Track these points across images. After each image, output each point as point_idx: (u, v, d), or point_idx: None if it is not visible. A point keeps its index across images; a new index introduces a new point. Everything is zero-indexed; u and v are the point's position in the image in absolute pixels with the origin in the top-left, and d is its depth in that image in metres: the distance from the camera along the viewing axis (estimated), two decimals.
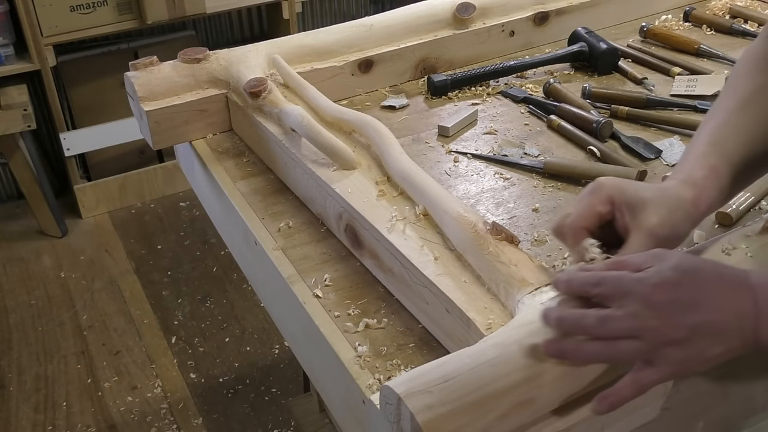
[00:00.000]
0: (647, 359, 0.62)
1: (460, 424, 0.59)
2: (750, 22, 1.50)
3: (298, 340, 0.97)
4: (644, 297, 0.62)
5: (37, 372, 2.13)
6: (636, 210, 0.72)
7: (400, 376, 0.63)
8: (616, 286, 0.64)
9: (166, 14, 2.57)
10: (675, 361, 0.62)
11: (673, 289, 0.62)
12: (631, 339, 0.62)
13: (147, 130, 1.18)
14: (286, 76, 1.20)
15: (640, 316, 0.62)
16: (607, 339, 0.62)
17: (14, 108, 2.39)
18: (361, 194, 0.94)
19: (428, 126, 1.23)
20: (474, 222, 0.82)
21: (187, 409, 2.00)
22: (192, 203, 2.82)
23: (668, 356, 0.61)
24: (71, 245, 2.66)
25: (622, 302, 0.63)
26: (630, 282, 0.63)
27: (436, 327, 0.82)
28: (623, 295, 0.63)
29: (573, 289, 0.66)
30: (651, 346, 0.61)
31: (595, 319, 0.62)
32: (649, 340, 0.61)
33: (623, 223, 0.73)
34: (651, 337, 0.61)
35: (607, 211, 0.73)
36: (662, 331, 0.61)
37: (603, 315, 0.62)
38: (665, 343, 0.61)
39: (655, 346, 0.61)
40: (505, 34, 1.43)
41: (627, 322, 0.62)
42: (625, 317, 0.62)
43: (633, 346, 0.61)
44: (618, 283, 0.64)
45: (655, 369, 0.62)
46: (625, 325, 0.62)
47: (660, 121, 1.19)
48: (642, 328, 0.61)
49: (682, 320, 0.62)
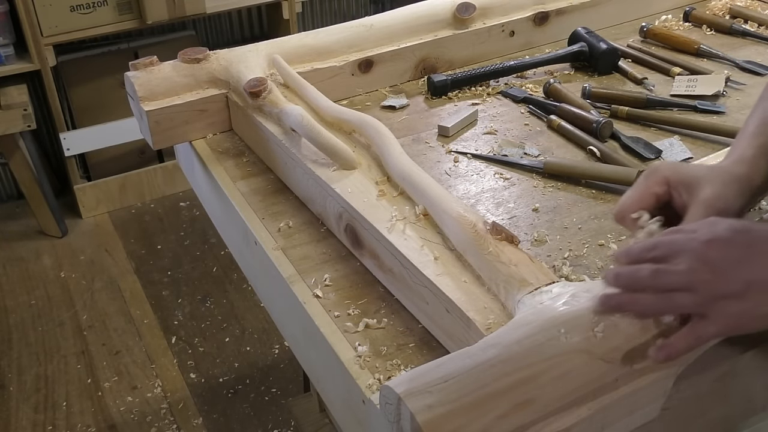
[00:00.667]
0: (703, 312, 0.63)
1: (460, 424, 0.59)
2: (750, 22, 1.50)
3: (298, 340, 0.97)
4: (697, 252, 0.64)
5: (37, 372, 2.13)
6: (691, 187, 0.74)
7: (400, 376, 0.63)
8: (670, 246, 0.66)
9: (166, 14, 2.57)
10: (730, 315, 0.63)
11: (725, 245, 0.64)
12: (685, 292, 0.63)
13: (147, 130, 1.18)
14: (286, 76, 1.20)
15: (693, 270, 0.63)
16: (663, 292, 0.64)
17: (14, 108, 2.39)
18: (361, 194, 0.94)
19: (428, 126, 1.23)
20: (474, 222, 0.82)
21: (187, 409, 2.00)
22: (192, 203, 2.82)
23: (723, 309, 0.63)
24: (71, 245, 2.66)
25: (677, 259, 0.64)
26: (683, 240, 0.66)
27: (436, 327, 0.82)
28: (677, 253, 0.65)
29: (632, 257, 0.68)
30: (705, 299, 0.63)
31: (649, 272, 0.64)
32: (703, 292, 0.63)
33: (681, 201, 0.75)
34: (705, 290, 0.63)
35: (664, 191, 0.76)
36: (716, 284, 0.63)
37: (657, 268, 0.64)
38: (719, 296, 0.63)
39: (710, 299, 0.63)
40: (505, 34, 1.43)
41: (681, 275, 0.63)
42: (678, 271, 0.63)
43: (688, 298, 0.63)
44: (671, 243, 0.66)
45: (711, 322, 0.63)
46: (679, 278, 0.63)
47: (660, 121, 1.19)
48: (696, 281, 0.63)
49: (736, 274, 0.63)
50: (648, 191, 0.76)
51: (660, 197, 0.76)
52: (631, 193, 0.77)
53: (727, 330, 0.64)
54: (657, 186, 0.76)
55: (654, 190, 0.76)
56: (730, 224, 0.66)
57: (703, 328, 0.63)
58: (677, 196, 0.76)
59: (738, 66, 1.34)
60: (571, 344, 0.64)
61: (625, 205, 0.76)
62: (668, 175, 0.76)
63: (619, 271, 0.66)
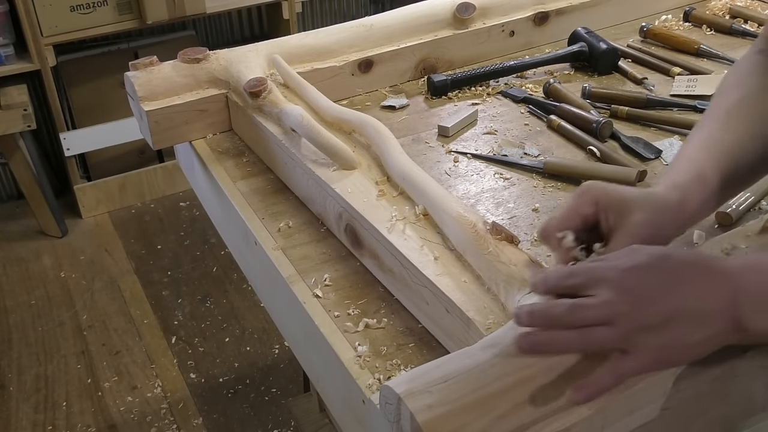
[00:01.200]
0: (624, 347, 0.60)
1: (460, 424, 0.59)
2: (750, 22, 1.50)
3: (298, 340, 0.97)
4: (616, 282, 0.61)
5: (37, 372, 2.13)
6: (620, 212, 0.71)
7: (400, 376, 0.63)
8: (588, 275, 0.63)
9: (166, 14, 2.57)
10: (652, 348, 0.60)
11: (645, 274, 0.61)
12: (604, 326, 0.60)
13: (147, 130, 1.18)
14: (286, 76, 1.20)
15: (612, 302, 0.60)
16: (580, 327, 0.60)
17: (14, 108, 2.39)
18: (361, 194, 0.94)
19: (428, 126, 1.23)
20: (474, 222, 0.82)
21: (187, 409, 2.00)
22: (192, 203, 2.82)
23: (645, 343, 0.60)
24: (71, 245, 2.66)
25: (595, 290, 0.61)
26: (602, 269, 0.62)
27: (436, 327, 0.82)
28: (595, 282, 0.62)
29: (549, 285, 0.65)
30: (625, 333, 0.60)
31: (566, 307, 0.61)
32: (622, 326, 0.60)
33: (608, 225, 0.72)
34: (624, 323, 0.60)
35: (592, 212, 0.72)
36: (635, 316, 0.60)
37: (573, 302, 0.61)
38: (640, 329, 0.60)
39: (630, 332, 0.60)
40: (505, 34, 1.43)
41: (598, 308, 0.60)
42: (596, 304, 0.60)
43: (608, 333, 0.60)
44: (590, 271, 0.63)
45: (632, 357, 0.60)
46: (597, 311, 0.60)
47: (660, 121, 1.19)
48: (615, 314, 0.60)
49: (656, 305, 0.60)
50: (576, 211, 0.72)
51: (587, 218, 0.72)
52: (558, 212, 0.74)
53: (651, 364, 0.61)
54: (585, 206, 0.72)
55: (582, 210, 0.72)
56: (650, 251, 0.63)
57: (624, 364, 0.60)
58: (604, 219, 0.72)
59: None
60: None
61: (551, 223, 0.73)
62: (598, 196, 0.72)
63: (532, 309, 0.62)
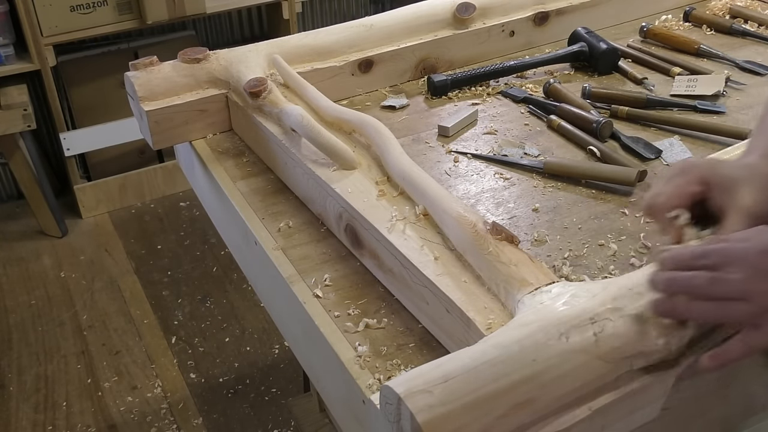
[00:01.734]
0: (756, 323, 0.63)
1: (460, 424, 0.59)
2: (750, 22, 1.50)
3: (298, 340, 0.97)
4: (752, 263, 0.63)
5: (37, 372, 2.13)
6: (730, 190, 0.73)
7: (400, 376, 0.63)
8: (722, 255, 0.65)
9: (166, 14, 2.57)
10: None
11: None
12: (741, 301, 0.63)
13: (147, 130, 1.18)
14: (286, 76, 1.20)
15: (749, 280, 0.63)
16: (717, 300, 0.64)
17: (14, 108, 2.39)
18: (361, 194, 0.94)
19: (428, 126, 1.23)
20: (474, 222, 0.82)
21: (187, 409, 2.00)
22: (192, 203, 2.82)
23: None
24: (71, 245, 2.66)
25: (730, 269, 0.64)
26: (736, 250, 0.65)
27: (436, 327, 0.82)
28: (730, 262, 0.64)
29: (680, 263, 0.67)
30: (760, 310, 0.63)
31: (706, 280, 0.64)
32: (758, 303, 0.63)
33: (717, 203, 0.74)
34: (760, 300, 0.63)
35: (700, 191, 0.74)
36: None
37: (713, 276, 0.64)
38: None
39: (764, 310, 0.63)
40: (505, 34, 1.43)
41: (737, 284, 0.63)
42: (735, 280, 0.63)
43: (743, 308, 0.63)
44: (724, 251, 0.65)
45: (764, 332, 0.63)
46: (735, 287, 0.63)
47: (660, 121, 1.19)
48: (752, 291, 0.63)
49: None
50: (685, 189, 0.74)
51: (695, 196, 0.74)
52: (665, 188, 0.74)
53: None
54: (695, 184, 0.74)
55: (691, 188, 0.74)
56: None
57: (757, 338, 0.64)
58: (714, 197, 0.74)
59: (738, 66, 1.34)
60: (571, 344, 0.64)
61: (659, 200, 0.74)
62: (706, 174, 0.74)
63: (674, 276, 0.66)
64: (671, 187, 0.74)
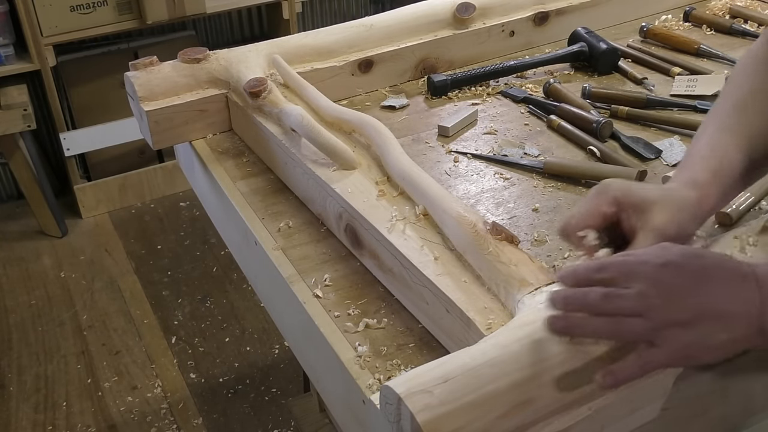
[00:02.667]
0: (652, 340, 0.62)
1: (460, 424, 0.59)
2: (750, 22, 1.50)
3: (298, 340, 0.97)
4: (649, 276, 0.63)
5: (37, 372, 2.13)
6: (642, 210, 0.72)
7: (400, 376, 0.63)
8: (620, 269, 0.64)
9: (166, 14, 2.57)
10: (680, 344, 0.62)
11: (678, 271, 0.63)
12: (635, 317, 0.62)
13: (147, 130, 1.18)
14: (286, 76, 1.20)
15: (645, 295, 0.62)
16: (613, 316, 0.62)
17: (14, 108, 2.39)
18: (361, 194, 0.94)
19: (428, 126, 1.23)
20: (474, 222, 0.82)
21: (187, 409, 2.00)
22: (192, 203, 2.82)
23: (673, 338, 0.62)
24: (71, 245, 2.66)
25: (627, 283, 0.63)
26: (635, 263, 0.64)
27: (436, 327, 0.82)
28: (628, 276, 0.63)
29: (579, 278, 0.66)
30: (655, 325, 0.62)
31: (600, 295, 0.63)
32: (653, 318, 0.62)
33: (629, 224, 0.73)
34: (655, 316, 0.62)
35: (613, 212, 0.73)
36: (667, 310, 0.62)
37: (608, 291, 0.63)
38: (670, 323, 0.62)
39: (660, 326, 0.62)
40: (505, 34, 1.43)
41: (632, 299, 0.62)
42: (630, 295, 0.62)
43: (639, 324, 0.62)
44: (622, 265, 0.65)
45: (660, 350, 0.62)
46: (631, 302, 0.62)
47: (660, 121, 1.19)
48: (647, 306, 0.62)
49: (687, 302, 0.62)
50: (597, 209, 0.73)
51: (608, 217, 0.73)
52: (578, 210, 0.74)
53: (677, 359, 0.63)
54: (606, 205, 0.73)
55: (602, 209, 0.73)
56: (682, 250, 0.65)
57: (652, 356, 0.62)
58: (626, 218, 0.73)
59: None
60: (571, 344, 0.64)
61: (572, 222, 0.74)
62: (619, 195, 0.73)
63: (567, 293, 0.64)
64: (584, 208, 0.74)
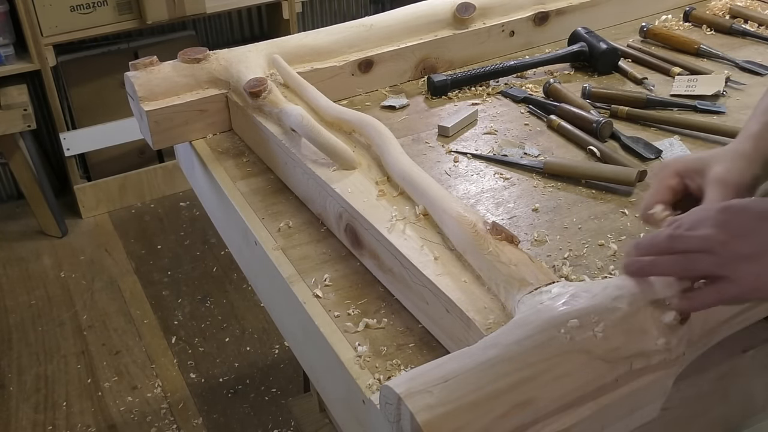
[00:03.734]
0: (723, 274, 0.64)
1: (460, 424, 0.59)
2: (750, 22, 1.50)
3: (298, 340, 0.97)
4: (713, 218, 0.66)
5: (37, 372, 2.13)
6: (702, 170, 0.78)
7: (400, 376, 0.63)
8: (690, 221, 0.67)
9: (166, 14, 2.57)
10: (750, 275, 0.64)
11: (740, 212, 0.66)
12: (704, 253, 0.64)
13: (147, 130, 1.18)
14: (286, 76, 1.20)
15: (709, 234, 0.65)
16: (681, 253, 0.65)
17: (14, 108, 2.39)
18: (361, 194, 0.94)
19: (428, 126, 1.23)
20: (474, 222, 0.82)
21: (187, 409, 2.00)
22: (192, 203, 2.82)
23: (743, 270, 0.64)
24: (71, 245, 2.66)
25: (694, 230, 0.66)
26: (701, 213, 0.68)
27: (436, 327, 0.82)
28: (694, 224, 0.67)
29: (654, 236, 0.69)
30: (724, 260, 0.64)
31: (666, 236, 0.67)
32: (721, 253, 0.64)
33: (696, 186, 0.78)
34: (723, 251, 0.64)
35: (677, 182, 0.79)
36: (733, 245, 0.64)
37: (673, 232, 0.66)
38: (738, 257, 0.64)
39: (729, 260, 0.64)
40: (505, 34, 1.43)
41: (698, 238, 0.65)
42: (695, 235, 0.65)
43: (707, 259, 0.64)
44: (691, 217, 0.68)
45: (733, 282, 0.64)
46: (695, 240, 0.65)
47: (660, 121, 1.19)
48: (713, 243, 0.64)
49: (751, 237, 0.64)
50: (662, 186, 0.79)
51: (675, 189, 0.79)
52: (648, 192, 0.80)
53: (749, 291, 0.65)
54: (669, 179, 0.79)
55: (667, 183, 0.79)
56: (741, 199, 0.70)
57: (726, 288, 0.64)
58: (691, 183, 0.79)
59: (738, 66, 1.34)
60: (571, 344, 0.64)
61: (645, 204, 0.79)
62: (677, 167, 0.79)
63: (638, 241, 0.69)
64: (651, 189, 0.80)
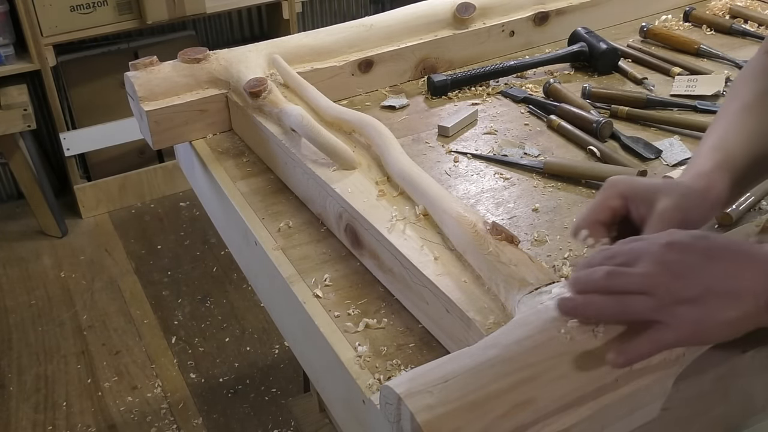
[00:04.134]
0: (660, 319, 0.62)
1: (460, 424, 0.59)
2: (750, 22, 1.50)
3: (298, 340, 0.97)
4: (655, 256, 0.63)
5: (37, 372, 2.13)
6: (648, 199, 0.73)
7: (400, 376, 0.63)
8: (629, 254, 0.65)
9: (166, 14, 2.57)
10: (688, 321, 0.61)
11: (684, 250, 0.63)
12: (642, 295, 0.62)
13: (147, 130, 1.18)
14: (286, 76, 1.20)
15: (650, 273, 0.62)
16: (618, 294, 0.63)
17: (14, 108, 2.39)
18: (361, 194, 0.94)
19: (428, 126, 1.23)
20: (474, 222, 0.82)
21: (187, 409, 2.00)
22: (192, 203, 2.82)
23: (681, 315, 0.61)
24: (71, 245, 2.66)
25: (634, 264, 0.63)
26: (641, 245, 0.65)
27: (436, 327, 0.82)
28: (635, 257, 0.64)
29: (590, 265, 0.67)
30: (662, 303, 0.61)
31: (604, 273, 0.63)
32: (660, 296, 0.61)
33: (638, 214, 0.74)
34: (662, 293, 0.61)
35: (620, 205, 0.74)
36: (673, 287, 0.61)
37: (612, 269, 0.63)
38: (677, 300, 0.61)
39: (667, 303, 0.61)
40: (505, 34, 1.43)
41: (637, 277, 0.62)
42: (635, 273, 0.62)
43: (644, 302, 0.62)
44: (631, 250, 0.65)
45: (670, 328, 0.62)
46: (635, 279, 0.62)
47: (660, 121, 1.19)
48: (653, 284, 0.62)
49: (693, 279, 0.62)
50: (604, 204, 0.75)
51: (616, 211, 0.75)
52: (587, 207, 0.76)
53: (687, 337, 0.62)
54: (613, 199, 0.75)
55: (610, 203, 0.75)
56: (688, 232, 0.66)
57: (662, 334, 0.62)
58: (634, 209, 0.74)
59: (738, 66, 1.34)
60: (571, 344, 0.64)
61: (580, 219, 0.75)
62: (624, 189, 0.75)
63: (576, 275, 0.66)
64: (592, 204, 0.76)
